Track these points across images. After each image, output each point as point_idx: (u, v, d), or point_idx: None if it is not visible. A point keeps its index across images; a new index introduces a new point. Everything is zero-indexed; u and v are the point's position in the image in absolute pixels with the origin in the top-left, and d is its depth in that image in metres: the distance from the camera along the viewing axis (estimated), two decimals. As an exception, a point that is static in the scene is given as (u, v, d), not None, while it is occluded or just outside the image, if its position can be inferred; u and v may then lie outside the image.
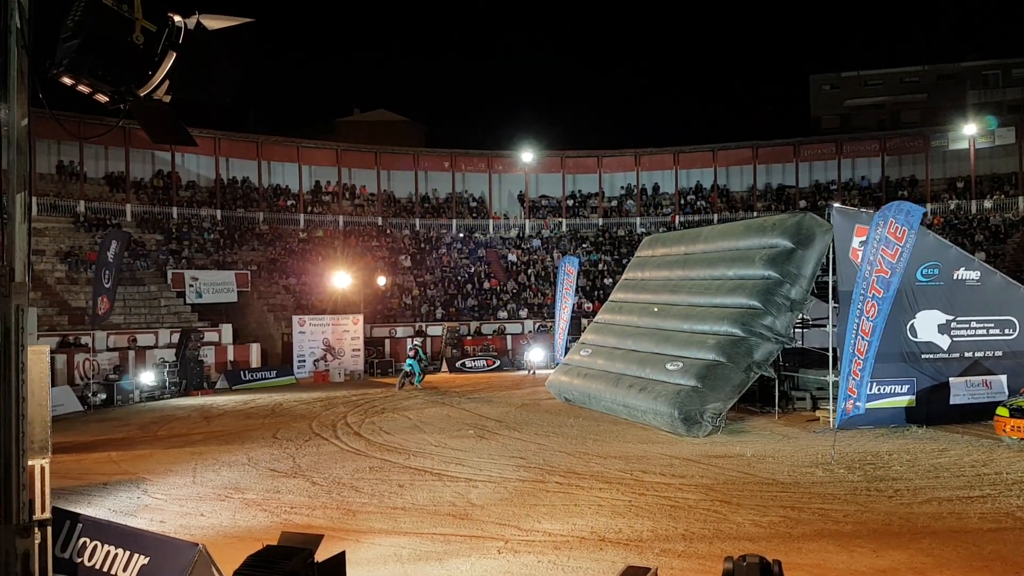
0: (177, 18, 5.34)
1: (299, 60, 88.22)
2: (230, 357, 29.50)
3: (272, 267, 35.86)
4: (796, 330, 18.57)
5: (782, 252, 17.54)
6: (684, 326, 18.93)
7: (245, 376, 27.91)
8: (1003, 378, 17.19)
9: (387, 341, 33.22)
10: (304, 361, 30.37)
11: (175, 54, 5.29)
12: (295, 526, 9.78)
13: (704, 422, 15.97)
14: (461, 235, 42.95)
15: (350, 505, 11.13)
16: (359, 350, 31.14)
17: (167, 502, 11.56)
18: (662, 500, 11.00)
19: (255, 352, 30.25)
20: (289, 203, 40.98)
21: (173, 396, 24.75)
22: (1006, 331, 17.65)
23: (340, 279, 32.69)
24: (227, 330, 30.37)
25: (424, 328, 34.23)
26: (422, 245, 41.47)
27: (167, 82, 5.33)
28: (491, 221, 44.10)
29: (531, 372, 29.74)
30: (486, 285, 38.84)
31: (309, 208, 41.24)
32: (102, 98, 5.24)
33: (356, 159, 43.16)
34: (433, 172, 44.62)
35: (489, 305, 37.22)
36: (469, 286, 38.48)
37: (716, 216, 42.35)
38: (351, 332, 31.20)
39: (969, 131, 39.73)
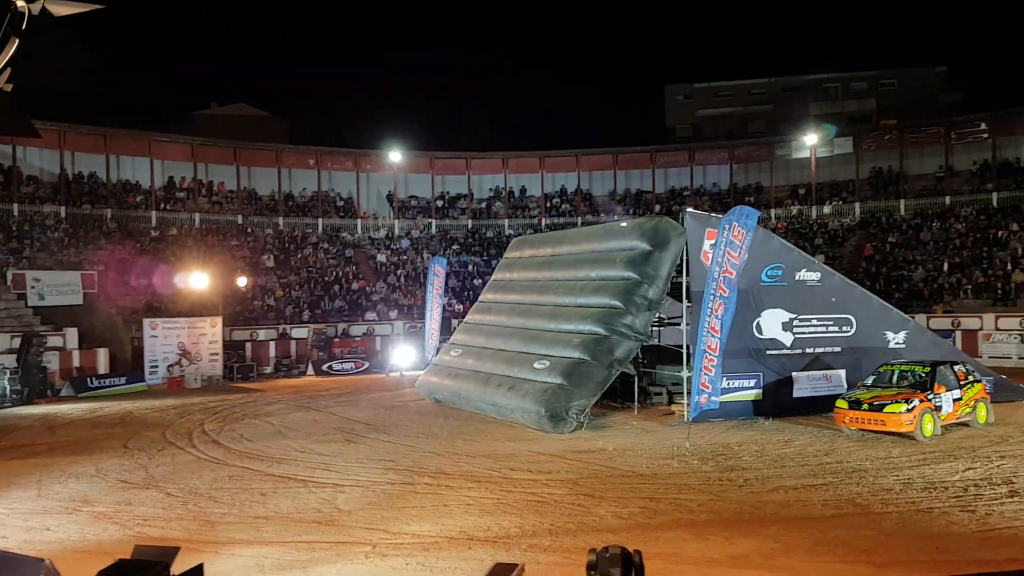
0: (20, 3, 4.99)
1: (153, 51, 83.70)
2: (76, 363, 27.59)
3: (121, 267, 33.76)
4: (653, 328, 19.33)
5: (640, 254, 18.23)
6: (551, 325, 19.35)
7: (92, 383, 26.17)
8: (842, 372, 18.56)
9: (248, 344, 32.06)
10: (157, 366, 28.79)
11: (17, 40, 4.94)
12: (149, 539, 9.31)
13: (569, 418, 16.39)
14: (328, 235, 42.07)
15: (208, 516, 10.70)
16: (217, 354, 29.86)
17: (10, 516, 10.75)
18: (529, 496, 11.22)
19: (103, 357, 28.42)
20: (139, 199, 38.82)
21: (15, 405, 22.92)
22: (844, 328, 19.08)
23: (196, 280, 31.20)
24: (72, 334, 28.38)
25: (289, 330, 33.29)
26: (286, 245, 40.29)
27: (8, 70, 4.98)
28: (359, 221, 43.44)
29: (400, 374, 29.52)
30: (354, 286, 38.20)
31: (162, 205, 39.19)
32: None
33: (214, 154, 41.43)
34: (297, 170, 43.44)
35: (358, 306, 36.63)
36: (336, 287, 37.72)
37: (580, 219, 43.48)
38: (209, 335, 29.87)
39: (810, 141, 42.65)
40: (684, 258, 17.65)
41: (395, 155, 43.43)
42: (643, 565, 3.33)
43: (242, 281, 34.20)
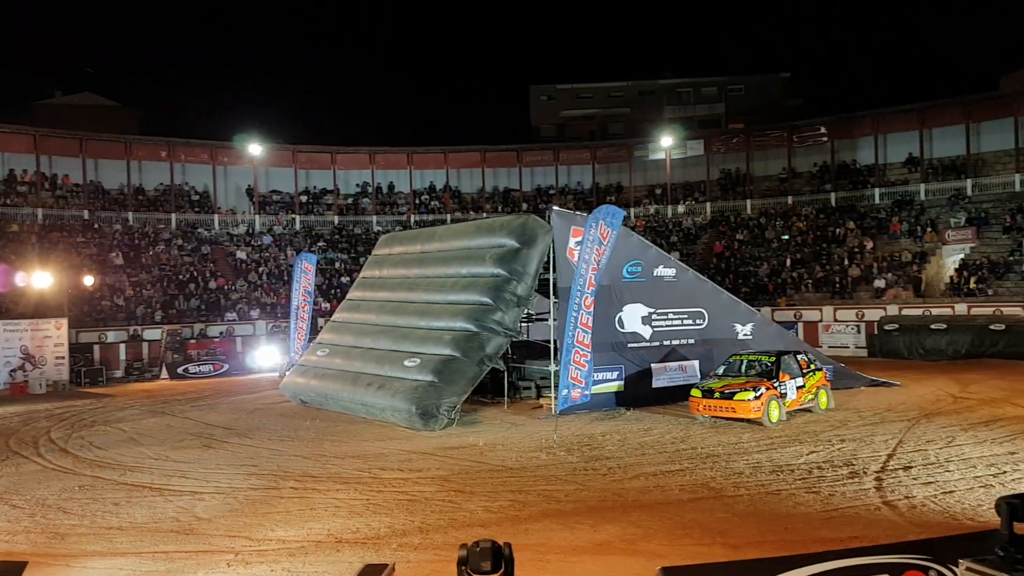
0: None
1: (-19, 29, 76.88)
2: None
3: (-49, 266, 30.98)
4: (522, 324, 19.67)
5: (509, 251, 18.50)
6: (421, 323, 19.31)
7: (-83, 393, 23.89)
8: (696, 363, 19.53)
9: (96, 347, 30.15)
10: (-3, 372, 26.66)
11: None
12: (-11, 559, 8.64)
13: (440, 415, 16.43)
14: (182, 230, 40.13)
15: (58, 528, 10.04)
16: (63, 358, 27.92)
17: None
18: (400, 495, 11.18)
19: (-67, 364, 26.01)
20: (-28, 193, 35.71)
21: None
22: (697, 321, 20.09)
23: (39, 279, 29.00)
24: None
25: (140, 332, 31.54)
26: (136, 241, 38.10)
27: None
28: (216, 216, 41.68)
29: (280, 374, 28.58)
30: (212, 284, 36.59)
31: (1, 200, 36.21)
32: None
33: (58, 146, 38.60)
34: (149, 162, 41.13)
35: (216, 306, 35.13)
36: (192, 285, 36.00)
37: (449, 216, 43.54)
38: (54, 338, 27.88)
39: (666, 143, 44.57)
40: (551, 255, 18.05)
41: (255, 148, 41.94)
42: (513, 557, 3.42)
43: (89, 280, 32.08)
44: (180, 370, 29.53)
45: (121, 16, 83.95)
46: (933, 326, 28.50)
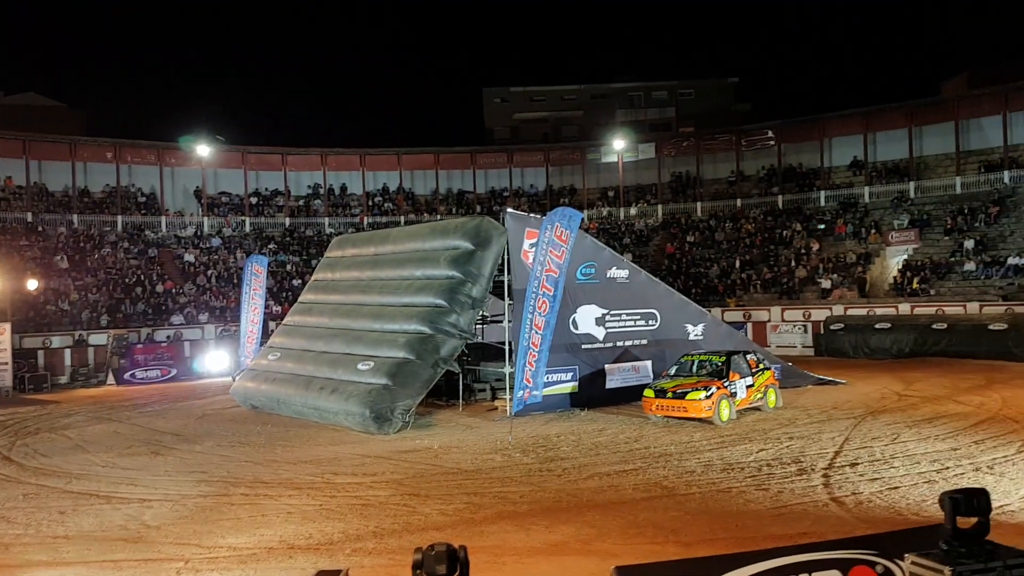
0: None
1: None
2: None
3: None
4: (477, 326, 19.68)
5: (464, 253, 18.48)
6: (375, 326, 19.17)
7: None
8: (648, 363, 19.75)
9: (41, 352, 29.31)
10: (-68, 380, 25.72)
11: None
12: (-75, 574, 8.35)
13: (395, 419, 16.33)
14: (128, 233, 39.23)
15: (1, 538, 9.74)
16: (6, 364, 27.05)
17: None
18: (353, 500, 11.08)
19: None
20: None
21: None
22: (650, 322, 20.32)
23: (-22, 284, 28.14)
24: None
25: (86, 337, 30.74)
26: (82, 244, 37.14)
27: None
28: (163, 218, 40.85)
29: (233, 379, 28.10)
30: (159, 288, 35.82)
31: (-62, 202, 35.05)
32: None
33: (1, 147, 37.44)
34: (94, 163, 40.17)
35: (163, 309, 34.41)
36: (139, 289, 35.19)
37: (403, 218, 43.32)
38: (-5, 344, 27.04)
39: (618, 146, 45.00)
40: (505, 257, 18.08)
41: (204, 149, 41.21)
42: (468, 560, 3.42)
43: (32, 284, 31.20)
44: (127, 375, 28.86)
45: (67, 16, 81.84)
46: (877, 325, 29.25)
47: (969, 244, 32.53)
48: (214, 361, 29.83)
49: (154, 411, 21.43)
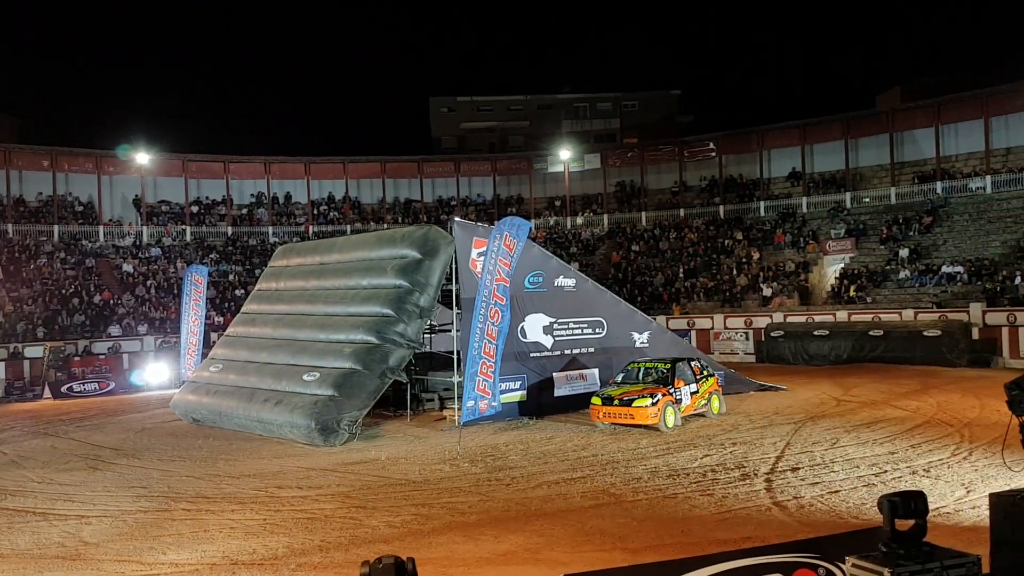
0: None
1: None
2: None
3: None
4: (425, 335, 19.59)
5: (411, 262, 18.38)
6: (321, 336, 18.93)
7: None
8: (596, 371, 19.91)
9: (-32, 367, 28.23)
10: None
11: None
12: None
13: (341, 430, 16.14)
14: (65, 243, 38.06)
15: (-74, 563, 9.34)
16: (-68, 379, 26.02)
17: None
18: (298, 514, 10.91)
19: None
20: None
21: None
22: (597, 330, 20.48)
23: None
24: None
25: (21, 349, 29.67)
26: (16, 254, 35.88)
27: None
28: (101, 228, 39.76)
29: (151, 392, 27.40)
30: (97, 299, 34.81)
31: None
32: None
33: (-70, 155, 36.09)
34: (29, 171, 39.01)
35: (101, 321, 33.43)
36: (76, 300, 34.14)
37: (349, 227, 42.93)
38: (-80, 358, 25.95)
39: (564, 156, 45.40)
40: (453, 266, 18.05)
41: (143, 156, 40.26)
42: (416, 572, 3.41)
43: (-42, 295, 30.02)
44: (64, 389, 27.96)
45: (-6, 15, 79.19)
46: (816, 332, 29.99)
47: (904, 253, 33.61)
48: (154, 373, 29.12)
49: (92, 425, 20.80)
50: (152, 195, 42.07)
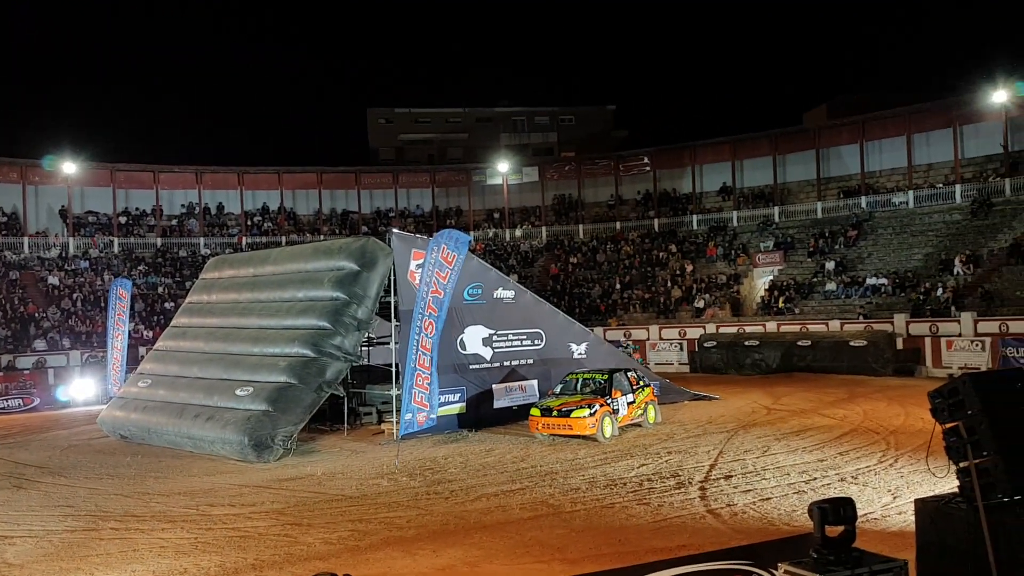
0: None
1: None
2: None
3: None
4: (362, 348, 19.41)
5: (349, 274, 18.20)
6: (255, 349, 18.57)
7: None
8: (535, 382, 20.00)
9: None
10: None
11: None
12: None
13: (275, 446, 15.84)
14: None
15: None
16: None
17: None
18: (231, 532, 10.68)
19: None
20: None
21: None
22: (536, 342, 20.60)
23: None
24: None
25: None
26: (-71, 266, 34.31)
27: None
28: (26, 239, 38.30)
29: (77, 408, 26.43)
30: (21, 312, 33.50)
31: None
32: None
33: None
34: (-51, 181, 37.34)
35: (25, 335, 32.15)
36: (-3, 313, 32.81)
37: (284, 238, 42.24)
38: None
39: (503, 169, 45.64)
40: (392, 278, 17.94)
41: (69, 166, 38.95)
42: (356, 587, 3.40)
43: None
44: (-19, 406, 26.76)
45: (-93, 15, 75.79)
46: (747, 343, 30.71)
47: (830, 265, 34.73)
48: (80, 389, 28.13)
49: (16, 442, 19.97)
50: (79, 205, 40.74)
